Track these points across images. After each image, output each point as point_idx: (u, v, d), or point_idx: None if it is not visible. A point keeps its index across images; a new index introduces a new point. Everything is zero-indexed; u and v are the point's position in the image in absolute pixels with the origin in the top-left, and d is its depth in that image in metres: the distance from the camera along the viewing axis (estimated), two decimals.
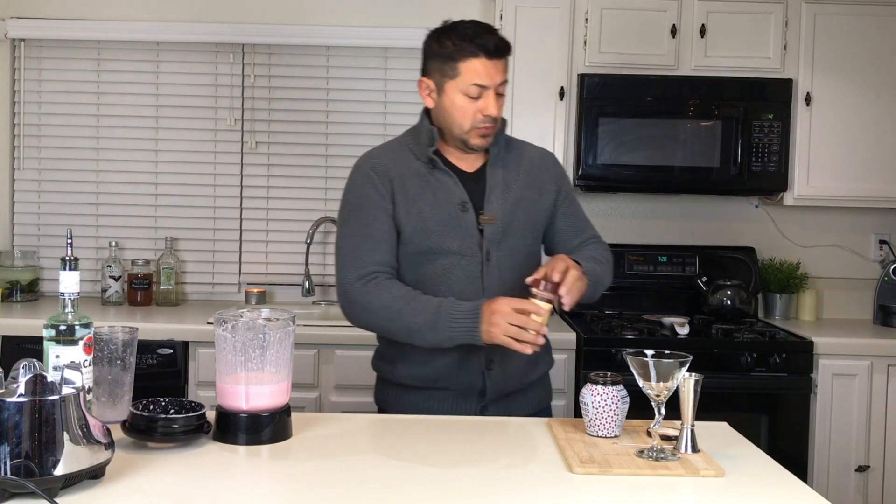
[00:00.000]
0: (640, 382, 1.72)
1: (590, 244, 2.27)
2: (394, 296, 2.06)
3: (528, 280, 1.99)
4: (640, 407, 1.94)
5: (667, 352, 1.74)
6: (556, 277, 1.95)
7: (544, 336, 1.98)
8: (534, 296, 1.94)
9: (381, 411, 2.26)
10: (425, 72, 2.14)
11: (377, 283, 2.08)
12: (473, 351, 2.09)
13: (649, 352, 1.72)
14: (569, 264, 1.98)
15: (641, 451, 1.72)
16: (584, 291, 2.03)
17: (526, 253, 2.19)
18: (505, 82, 2.10)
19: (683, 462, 1.68)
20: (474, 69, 2.05)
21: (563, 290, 1.94)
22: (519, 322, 1.92)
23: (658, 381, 1.70)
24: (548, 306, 1.93)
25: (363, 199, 2.13)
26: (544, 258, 2.19)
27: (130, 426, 1.70)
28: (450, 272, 2.11)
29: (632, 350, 1.75)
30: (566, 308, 1.97)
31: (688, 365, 1.71)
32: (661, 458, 1.68)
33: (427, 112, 2.18)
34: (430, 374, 2.13)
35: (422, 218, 2.10)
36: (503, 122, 2.18)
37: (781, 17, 3.44)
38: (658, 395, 1.71)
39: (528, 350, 1.93)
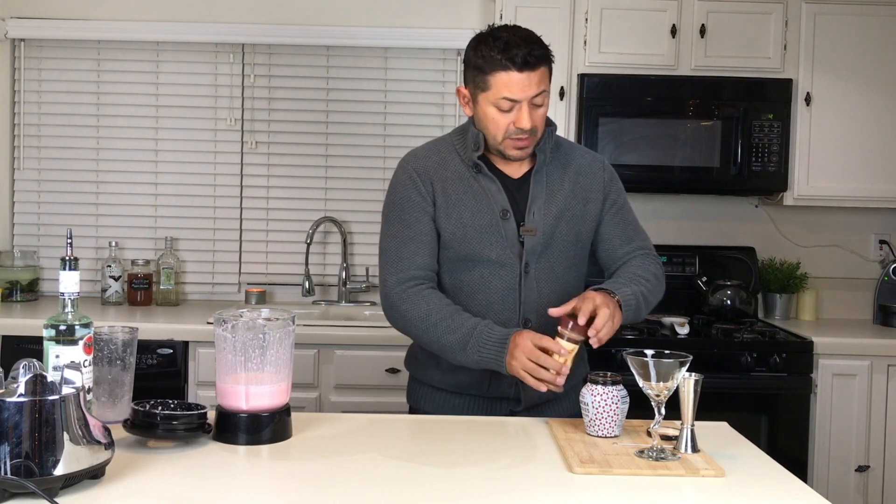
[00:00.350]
0: (640, 382, 1.72)
1: (636, 257, 2.17)
2: (431, 308, 2.02)
3: (554, 312, 1.92)
4: (640, 407, 1.94)
5: (667, 352, 1.74)
6: (581, 321, 1.88)
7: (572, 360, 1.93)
8: (560, 335, 1.89)
9: (412, 410, 2.25)
10: (464, 80, 2.08)
11: (417, 291, 2.05)
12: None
13: (649, 352, 1.72)
14: (597, 304, 1.90)
15: (641, 451, 1.72)
16: (618, 326, 1.96)
17: (568, 265, 2.13)
18: (543, 93, 2.00)
19: (683, 462, 1.68)
20: (504, 83, 1.97)
21: (591, 333, 1.89)
22: (538, 360, 1.87)
23: (658, 381, 1.70)
24: (572, 346, 1.88)
25: (405, 201, 2.09)
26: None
27: (132, 423, 1.70)
28: (488, 282, 2.08)
29: (632, 350, 1.75)
30: (595, 347, 1.92)
31: (688, 365, 1.71)
32: (661, 458, 1.68)
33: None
34: (463, 381, 2.11)
35: (462, 224, 2.06)
36: (552, 127, 2.10)
37: (781, 17, 3.44)
38: (658, 395, 1.71)
39: (543, 388, 1.88)
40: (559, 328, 1.89)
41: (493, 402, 2.12)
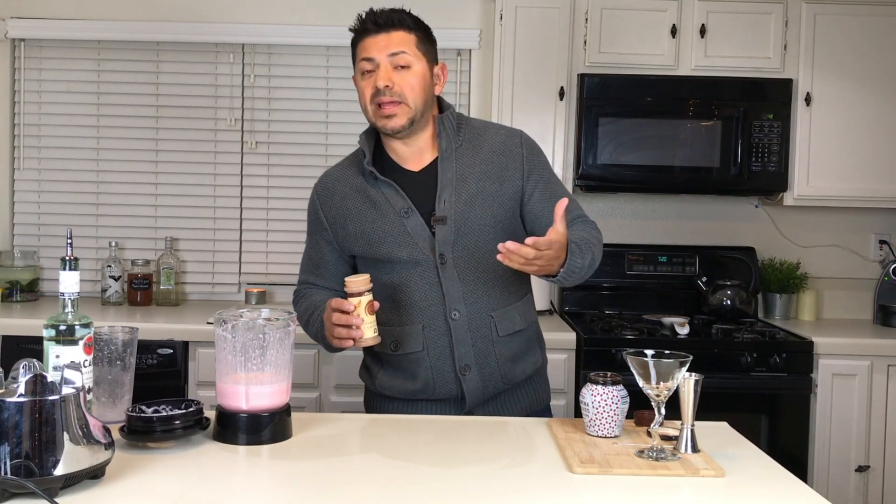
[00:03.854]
0: (640, 382, 1.72)
1: (576, 224, 2.10)
2: (304, 308, 2.17)
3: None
4: (640, 407, 1.94)
5: (667, 352, 1.74)
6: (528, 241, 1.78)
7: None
8: (347, 294, 1.93)
9: None
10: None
11: (301, 294, 2.23)
12: (444, 357, 2.06)
13: (649, 352, 1.72)
14: (551, 243, 1.81)
15: (641, 451, 1.72)
16: (540, 272, 1.86)
17: (489, 249, 2.02)
18: (404, 54, 2.01)
19: (683, 462, 1.68)
20: (362, 46, 2.04)
21: (500, 247, 1.79)
22: (336, 320, 1.92)
23: (658, 381, 1.70)
24: (356, 300, 1.91)
25: (310, 225, 2.22)
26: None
27: (129, 430, 1.69)
28: (407, 281, 2.06)
29: (632, 350, 1.75)
30: (501, 257, 1.80)
31: (688, 365, 1.71)
32: (661, 458, 1.68)
33: None
34: (409, 386, 2.10)
35: (364, 233, 2.08)
36: (449, 109, 2.09)
37: (781, 17, 3.44)
38: (658, 395, 1.71)
39: (348, 344, 1.94)
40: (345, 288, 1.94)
41: (441, 405, 2.10)
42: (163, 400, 1.78)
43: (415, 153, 2.10)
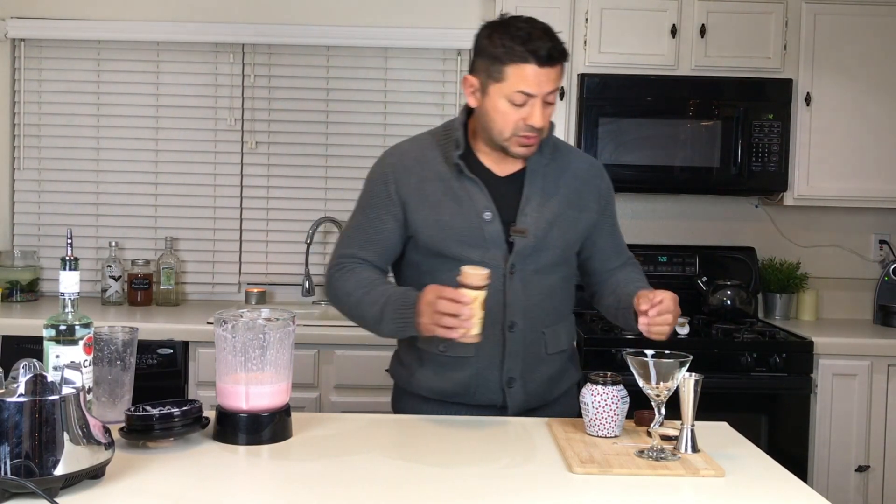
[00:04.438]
0: (641, 382, 1.72)
1: (629, 267, 2.18)
2: (358, 283, 2.00)
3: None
4: (640, 407, 1.94)
5: (667, 352, 1.74)
6: (643, 306, 1.86)
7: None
8: (461, 284, 1.81)
9: None
10: (472, 69, 2.00)
11: (351, 268, 2.03)
12: (492, 367, 2.02)
13: (649, 352, 1.72)
14: (662, 296, 1.87)
15: (641, 451, 1.72)
16: (674, 322, 1.90)
17: (556, 269, 2.06)
18: (556, 91, 1.94)
19: (683, 462, 1.68)
20: (521, 75, 1.89)
21: (646, 308, 1.86)
22: (441, 308, 1.79)
23: (658, 381, 1.70)
24: (475, 293, 1.79)
25: (374, 197, 2.07)
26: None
27: (129, 429, 1.70)
28: None
29: (632, 350, 1.75)
30: (647, 332, 1.89)
31: (688, 365, 1.71)
32: (661, 458, 1.68)
33: (468, 109, 2.05)
34: (448, 388, 2.05)
35: (440, 226, 2.00)
36: (551, 126, 2.03)
37: (781, 17, 3.43)
38: (658, 395, 1.71)
39: (456, 335, 1.80)
40: (458, 279, 1.81)
41: (479, 411, 2.04)
42: (166, 401, 1.78)
43: (504, 158, 2.04)
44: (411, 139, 2.16)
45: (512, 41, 1.89)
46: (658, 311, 1.86)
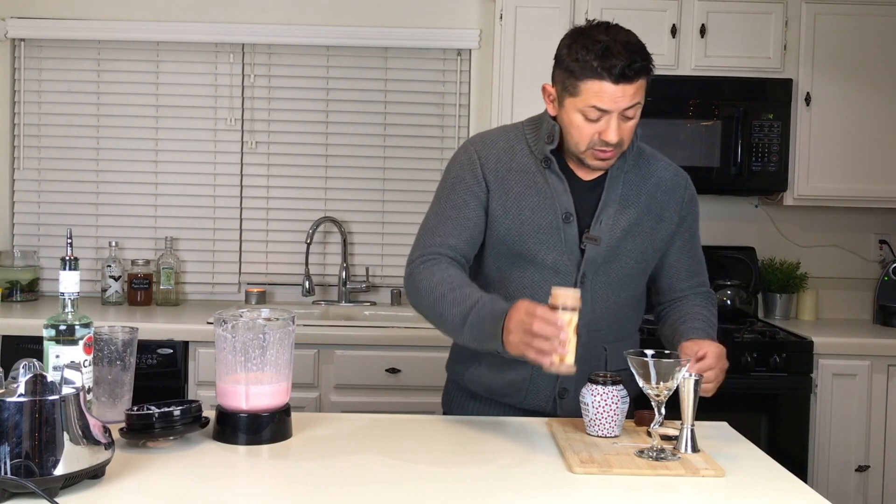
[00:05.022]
0: (641, 382, 1.72)
1: (698, 295, 2.09)
2: (442, 279, 1.86)
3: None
4: (640, 407, 1.94)
5: (667, 351, 1.74)
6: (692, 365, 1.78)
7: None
8: (552, 306, 1.68)
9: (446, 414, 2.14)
10: (552, 76, 1.92)
11: (436, 261, 1.90)
12: (550, 376, 1.94)
13: (649, 352, 1.72)
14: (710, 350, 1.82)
15: (641, 451, 1.72)
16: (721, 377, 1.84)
17: (627, 283, 2.00)
18: (637, 105, 1.85)
19: (683, 462, 1.68)
20: (595, 91, 1.81)
21: (695, 364, 1.79)
22: (536, 329, 1.65)
23: (658, 381, 1.69)
24: (569, 316, 1.67)
25: (458, 182, 1.96)
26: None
27: (129, 429, 1.70)
28: (538, 286, 1.93)
29: (632, 350, 1.75)
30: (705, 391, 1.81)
31: (688, 365, 1.71)
32: (661, 458, 1.68)
33: None
34: (499, 387, 2.01)
35: (519, 221, 1.93)
36: (635, 135, 1.95)
37: (781, 17, 3.43)
38: (658, 395, 1.71)
39: (546, 361, 1.66)
40: (550, 300, 1.69)
41: (527, 416, 1.99)
42: (171, 401, 1.78)
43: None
44: (494, 130, 2.07)
45: (588, 55, 1.81)
46: (698, 370, 1.79)
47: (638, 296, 2.08)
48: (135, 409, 1.74)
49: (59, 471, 1.39)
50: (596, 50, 1.81)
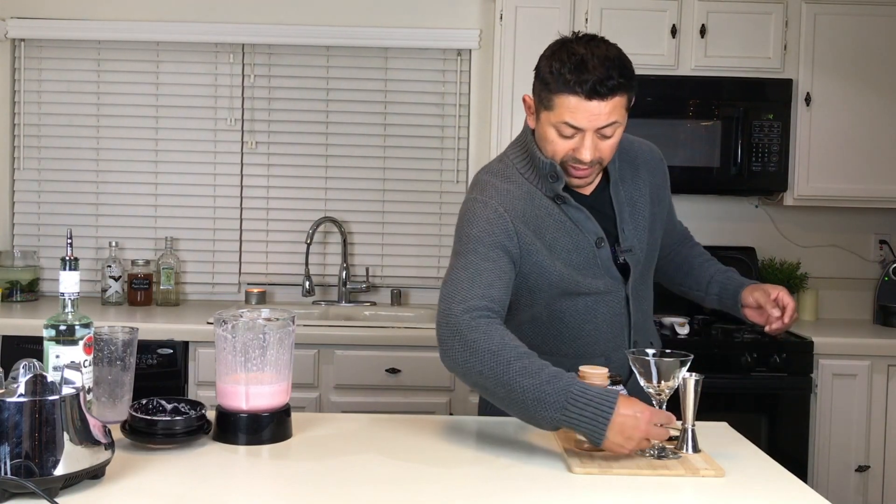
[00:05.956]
0: (642, 381, 1.72)
1: (686, 242, 2.22)
2: (505, 344, 1.70)
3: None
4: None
5: (668, 351, 1.74)
6: (786, 319, 1.98)
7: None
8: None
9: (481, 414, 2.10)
10: (532, 88, 1.86)
11: (490, 323, 1.74)
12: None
13: (650, 351, 1.72)
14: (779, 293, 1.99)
15: (642, 451, 1.72)
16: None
17: (650, 274, 2.03)
18: (615, 124, 1.77)
19: (683, 462, 1.68)
20: (567, 106, 1.74)
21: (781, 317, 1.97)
22: (656, 436, 1.63)
23: (659, 380, 1.70)
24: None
25: (487, 235, 1.83)
26: None
27: (130, 428, 1.70)
28: (593, 310, 1.92)
29: (634, 349, 1.75)
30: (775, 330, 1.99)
31: (689, 364, 1.71)
32: (662, 457, 1.68)
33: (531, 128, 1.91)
34: None
35: (562, 261, 1.87)
36: (622, 144, 1.93)
37: (781, 17, 3.43)
38: (660, 394, 1.71)
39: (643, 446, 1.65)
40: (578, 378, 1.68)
41: None
42: (180, 398, 1.79)
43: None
44: (498, 174, 1.93)
45: (562, 67, 1.74)
46: (789, 315, 1.97)
47: (652, 277, 2.11)
48: (143, 402, 1.74)
49: (59, 471, 1.39)
50: (571, 63, 1.74)
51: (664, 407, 1.72)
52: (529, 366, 1.66)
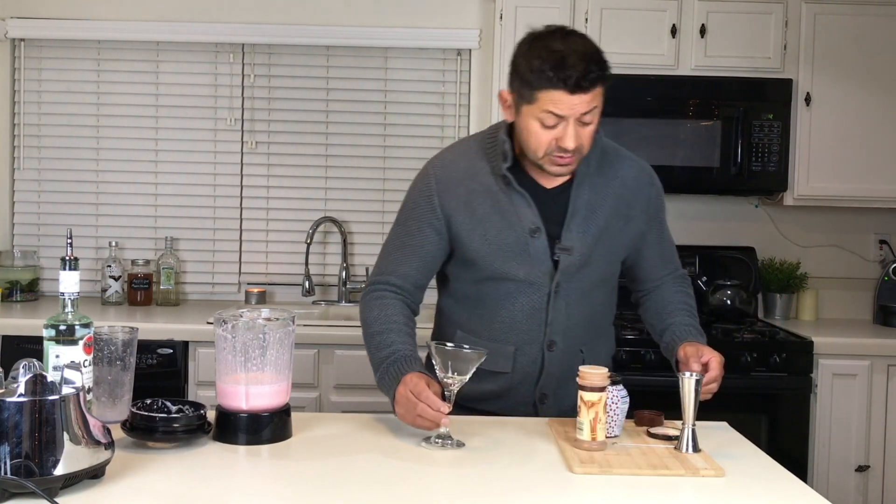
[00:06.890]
0: (438, 371, 1.77)
1: (675, 281, 2.14)
2: (379, 316, 1.95)
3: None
4: (640, 407, 1.94)
5: (467, 347, 1.80)
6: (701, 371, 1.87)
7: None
8: (580, 387, 1.72)
9: None
10: (509, 83, 1.91)
11: (381, 296, 1.99)
12: (526, 383, 2.01)
13: (450, 344, 1.80)
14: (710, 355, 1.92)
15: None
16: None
17: (599, 285, 2.03)
18: (594, 110, 1.85)
19: (683, 462, 1.68)
20: (551, 99, 1.81)
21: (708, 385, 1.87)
22: (424, 414, 1.74)
23: (452, 371, 1.76)
24: (598, 396, 1.71)
25: (414, 208, 2.00)
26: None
27: (131, 426, 1.70)
28: (513, 298, 1.97)
29: (435, 341, 1.81)
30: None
31: (482, 361, 1.76)
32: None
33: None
34: (478, 396, 2.01)
35: (486, 241, 1.94)
36: (597, 139, 1.96)
37: (781, 17, 3.43)
38: (449, 386, 1.77)
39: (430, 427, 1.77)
40: (577, 380, 1.73)
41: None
42: (180, 400, 1.79)
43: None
44: (456, 147, 2.07)
45: (543, 64, 1.80)
46: (707, 381, 1.86)
47: (610, 293, 2.11)
48: (148, 401, 1.75)
49: (59, 471, 1.39)
50: (551, 60, 1.80)
51: (452, 398, 1.76)
52: (383, 340, 1.91)
